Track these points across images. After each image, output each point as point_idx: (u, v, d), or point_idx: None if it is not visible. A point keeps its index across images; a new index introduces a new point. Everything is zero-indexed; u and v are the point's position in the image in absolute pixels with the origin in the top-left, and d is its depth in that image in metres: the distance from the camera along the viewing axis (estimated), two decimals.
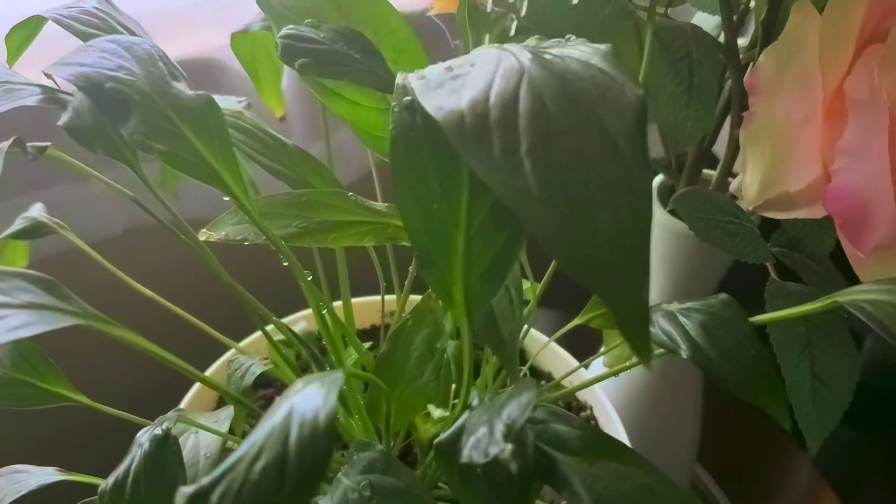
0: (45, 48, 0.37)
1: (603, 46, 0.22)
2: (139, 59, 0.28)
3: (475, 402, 0.29)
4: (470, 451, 0.20)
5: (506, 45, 0.22)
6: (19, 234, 0.40)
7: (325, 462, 0.18)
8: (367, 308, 0.55)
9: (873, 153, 0.28)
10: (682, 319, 0.30)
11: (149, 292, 0.41)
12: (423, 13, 0.45)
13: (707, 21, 0.43)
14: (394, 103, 0.22)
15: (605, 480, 0.26)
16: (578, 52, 0.21)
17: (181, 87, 0.28)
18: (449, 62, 0.21)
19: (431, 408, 0.39)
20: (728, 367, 0.29)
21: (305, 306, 0.50)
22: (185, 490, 0.17)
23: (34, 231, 0.40)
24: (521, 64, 0.20)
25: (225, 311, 0.47)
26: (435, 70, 0.21)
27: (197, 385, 0.46)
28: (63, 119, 0.27)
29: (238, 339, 0.46)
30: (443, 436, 0.27)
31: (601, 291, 0.17)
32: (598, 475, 0.26)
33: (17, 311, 0.22)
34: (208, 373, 0.47)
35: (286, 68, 0.50)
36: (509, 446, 0.20)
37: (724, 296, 0.30)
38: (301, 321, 0.50)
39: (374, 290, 0.50)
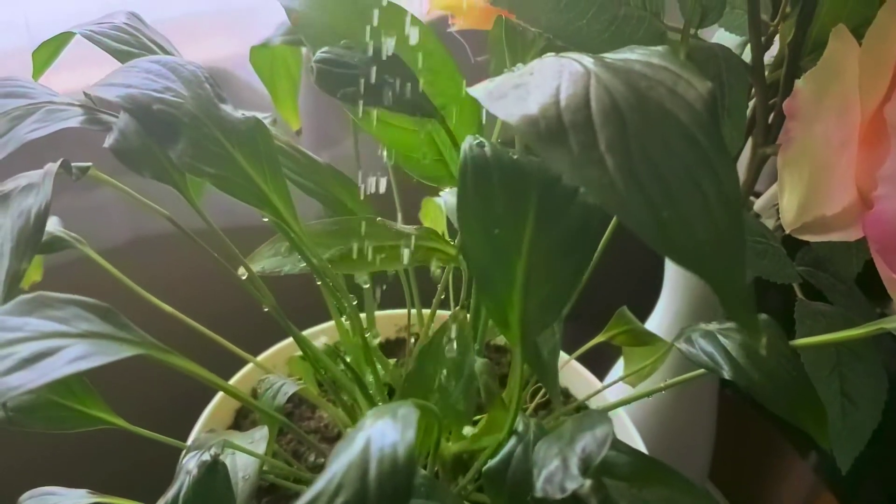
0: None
1: (660, 48, 0.22)
2: (185, 80, 0.28)
3: (520, 427, 0.29)
4: (544, 485, 0.20)
5: (564, 54, 0.22)
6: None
7: (406, 498, 0.18)
8: (380, 322, 0.54)
9: None
10: (723, 340, 0.30)
11: (166, 306, 0.40)
12: (442, 28, 0.45)
13: (729, 40, 0.43)
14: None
15: None
16: (636, 54, 0.22)
17: (228, 108, 0.28)
18: (505, 74, 0.22)
19: None
20: (770, 388, 0.29)
21: (309, 321, 0.49)
22: None
23: (51, 246, 0.40)
24: (586, 67, 0.20)
25: (234, 324, 0.47)
26: (495, 81, 0.21)
27: (214, 401, 0.46)
28: (109, 141, 0.27)
29: (248, 351, 0.46)
30: (492, 462, 0.27)
31: (703, 274, 0.18)
32: (647, 501, 0.26)
33: (75, 341, 0.22)
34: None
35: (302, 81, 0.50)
36: (588, 482, 0.20)
37: (764, 316, 0.31)
38: (321, 335, 0.50)
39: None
